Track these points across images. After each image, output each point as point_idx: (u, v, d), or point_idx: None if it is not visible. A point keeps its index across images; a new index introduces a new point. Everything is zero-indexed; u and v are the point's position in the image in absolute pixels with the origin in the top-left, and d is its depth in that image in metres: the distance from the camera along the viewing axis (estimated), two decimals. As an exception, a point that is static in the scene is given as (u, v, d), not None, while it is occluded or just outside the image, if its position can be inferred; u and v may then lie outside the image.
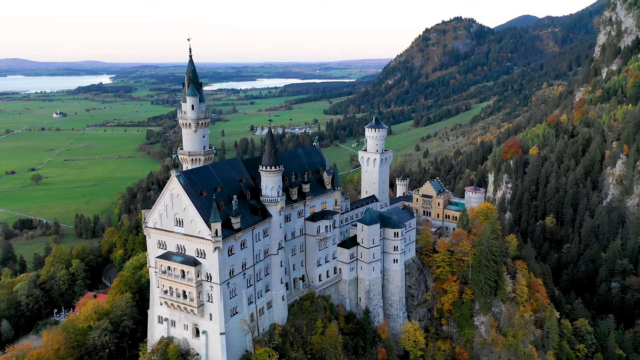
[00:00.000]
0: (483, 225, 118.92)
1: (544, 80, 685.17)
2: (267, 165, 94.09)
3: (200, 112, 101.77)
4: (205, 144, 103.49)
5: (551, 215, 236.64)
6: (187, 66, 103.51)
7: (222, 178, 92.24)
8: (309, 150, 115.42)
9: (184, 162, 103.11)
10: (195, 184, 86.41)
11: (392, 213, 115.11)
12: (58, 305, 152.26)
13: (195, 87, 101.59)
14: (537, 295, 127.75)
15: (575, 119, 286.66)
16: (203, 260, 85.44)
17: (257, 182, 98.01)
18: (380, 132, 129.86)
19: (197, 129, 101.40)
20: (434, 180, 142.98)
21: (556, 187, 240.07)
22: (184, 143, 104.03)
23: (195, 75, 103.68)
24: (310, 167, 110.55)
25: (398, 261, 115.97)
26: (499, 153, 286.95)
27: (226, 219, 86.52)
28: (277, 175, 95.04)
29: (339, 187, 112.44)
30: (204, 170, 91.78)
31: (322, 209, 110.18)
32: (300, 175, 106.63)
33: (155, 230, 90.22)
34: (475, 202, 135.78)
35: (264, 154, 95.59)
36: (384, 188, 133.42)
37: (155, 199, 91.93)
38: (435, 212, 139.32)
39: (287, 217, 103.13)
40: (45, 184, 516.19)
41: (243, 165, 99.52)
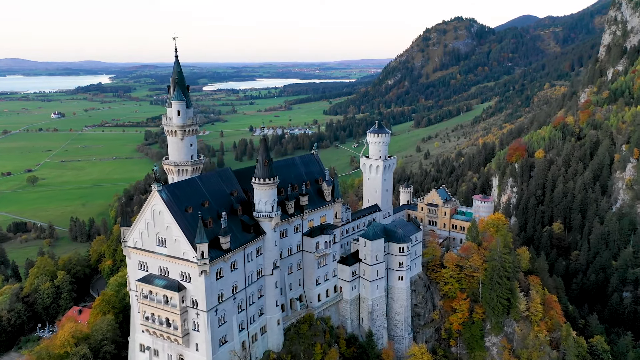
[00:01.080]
0: (494, 239, 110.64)
1: (546, 80, 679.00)
2: (261, 178, 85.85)
3: (187, 118, 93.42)
4: (193, 153, 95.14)
5: (558, 221, 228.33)
6: (173, 67, 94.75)
7: (210, 192, 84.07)
8: (307, 159, 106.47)
9: (169, 173, 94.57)
10: (179, 200, 78.15)
11: (396, 226, 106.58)
12: (42, 320, 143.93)
13: (181, 91, 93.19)
14: (551, 313, 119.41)
15: (581, 121, 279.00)
16: (188, 284, 76.92)
17: (249, 195, 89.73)
18: (384, 137, 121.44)
19: (184, 136, 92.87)
20: (439, 188, 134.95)
21: (563, 191, 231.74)
22: (170, 152, 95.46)
23: (182, 78, 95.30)
24: (308, 177, 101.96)
25: (403, 278, 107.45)
26: (504, 156, 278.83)
27: (214, 238, 78.18)
28: (272, 188, 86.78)
29: (339, 198, 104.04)
30: (190, 183, 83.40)
31: (321, 223, 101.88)
32: (297, 186, 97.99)
33: (136, 250, 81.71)
34: (484, 211, 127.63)
35: (257, 164, 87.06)
36: (387, 197, 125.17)
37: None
38: (442, 222, 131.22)
39: (283, 232, 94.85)
40: (41, 185, 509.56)
41: (234, 176, 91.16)
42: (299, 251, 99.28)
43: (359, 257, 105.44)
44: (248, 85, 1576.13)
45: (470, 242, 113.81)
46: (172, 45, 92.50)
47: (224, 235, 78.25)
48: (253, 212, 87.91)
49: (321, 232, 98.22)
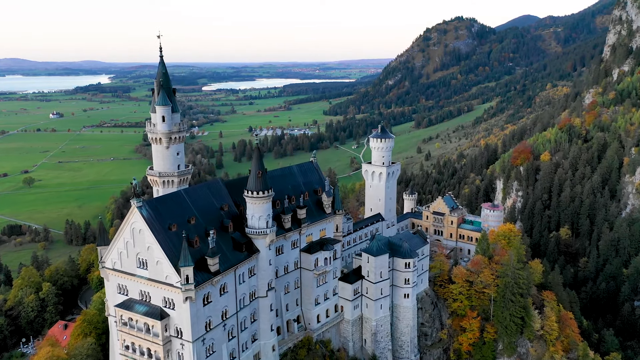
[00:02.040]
0: (506, 252, 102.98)
1: (548, 81, 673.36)
2: (254, 191, 78.07)
3: (173, 124, 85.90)
4: (179, 162, 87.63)
5: (566, 226, 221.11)
6: (157, 69, 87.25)
7: (198, 207, 76.43)
8: (306, 167, 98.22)
9: (154, 185, 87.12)
10: (162, 217, 70.46)
11: (402, 239, 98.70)
12: (26, 335, 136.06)
13: (166, 95, 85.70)
14: (567, 331, 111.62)
15: (587, 123, 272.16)
16: (172, 311, 68.98)
17: (242, 209, 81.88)
18: (387, 143, 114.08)
19: (170, 144, 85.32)
20: (446, 196, 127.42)
21: (571, 196, 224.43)
22: (154, 161, 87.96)
23: (167, 80, 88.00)
24: (307, 188, 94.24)
25: (410, 296, 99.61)
26: (508, 159, 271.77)
27: (201, 259, 70.39)
28: (266, 202, 79.09)
29: (340, 210, 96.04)
30: (175, 197, 75.50)
31: (320, 238, 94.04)
32: (295, 198, 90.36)
33: (114, 272, 73.86)
34: (493, 221, 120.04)
35: (250, 176, 79.13)
36: (391, 205, 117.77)
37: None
38: (448, 231, 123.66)
39: (279, 249, 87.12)
40: (37, 187, 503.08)
41: (225, 188, 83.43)
42: (297, 269, 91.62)
43: (362, 274, 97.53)
44: (248, 85, 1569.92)
45: (481, 256, 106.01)
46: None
47: (212, 257, 70.60)
48: (246, 228, 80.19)
49: (320, 247, 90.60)
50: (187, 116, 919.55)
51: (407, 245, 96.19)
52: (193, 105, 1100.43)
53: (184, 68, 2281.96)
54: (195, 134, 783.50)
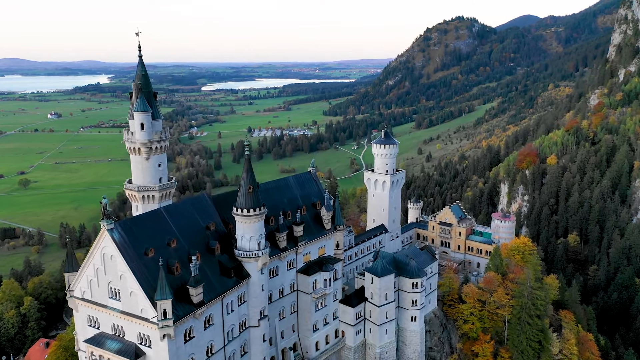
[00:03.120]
0: (522, 270, 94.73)
1: (550, 81, 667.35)
2: (244, 208, 69.16)
3: (154, 132, 77.61)
4: (161, 175, 79.44)
5: (574, 232, 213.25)
6: (136, 71, 78.15)
7: (180, 227, 67.43)
8: (303, 178, 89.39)
9: (133, 200, 78.89)
10: (137, 240, 61.52)
11: (408, 256, 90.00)
12: (6, 353, 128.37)
13: (146, 99, 77.02)
14: (587, 354, 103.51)
15: (594, 125, 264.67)
16: (148, 349, 60.02)
17: (231, 227, 73.18)
18: (391, 149, 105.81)
19: (150, 155, 77.01)
20: (453, 205, 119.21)
21: (579, 201, 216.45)
22: (133, 174, 79.66)
23: (147, 82, 78.99)
24: (304, 201, 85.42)
25: (417, 319, 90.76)
26: (513, 162, 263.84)
27: (183, 288, 61.77)
28: (258, 221, 70.12)
29: (341, 225, 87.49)
30: (154, 217, 66.49)
31: (319, 256, 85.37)
32: (291, 213, 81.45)
33: (84, 303, 65.04)
34: (505, 232, 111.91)
35: (239, 191, 69.95)
36: (395, 216, 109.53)
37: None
38: (456, 243, 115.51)
39: (273, 271, 78.48)
40: (33, 188, 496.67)
41: (212, 204, 74.40)
42: (293, 291, 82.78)
43: (365, 296, 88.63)
44: (247, 86, 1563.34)
45: (493, 273, 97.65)
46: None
47: (194, 286, 61.62)
48: (235, 250, 71.20)
49: (319, 268, 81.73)
50: (186, 116, 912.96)
51: (414, 263, 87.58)
52: (192, 105, 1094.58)
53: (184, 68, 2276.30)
54: (194, 134, 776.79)
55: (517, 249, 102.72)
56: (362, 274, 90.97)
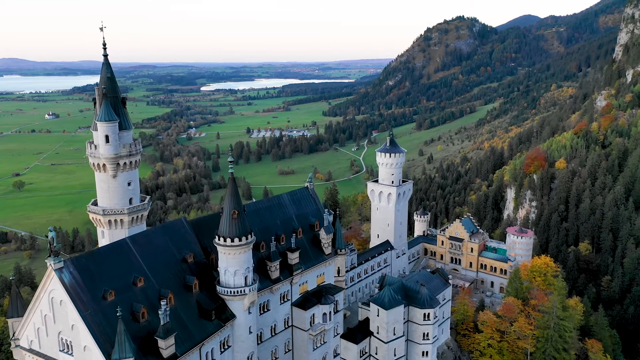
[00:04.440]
0: (546, 295, 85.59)
1: (552, 81, 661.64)
2: (227, 237, 58.80)
3: (122, 145, 66.82)
4: (132, 195, 68.52)
5: (586, 241, 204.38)
6: (100, 73, 67.25)
7: (150, 261, 56.67)
8: (300, 196, 78.46)
9: (98, 226, 68.87)
10: (94, 281, 51.14)
11: (418, 282, 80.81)
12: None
13: (111, 106, 66.31)
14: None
15: (603, 127, 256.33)
16: (107, 415, 50.07)
17: (214, 258, 62.88)
18: (397, 158, 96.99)
19: (117, 172, 66.66)
20: (464, 218, 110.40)
21: (591, 207, 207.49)
22: (98, 195, 69.22)
23: (114, 87, 67.92)
24: (300, 222, 75.23)
25: (429, 354, 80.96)
26: (520, 166, 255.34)
27: (151, 336, 51.66)
28: (245, 252, 59.62)
29: (343, 249, 77.92)
30: (117, 250, 55.36)
31: (318, 285, 75.22)
32: (285, 236, 71.27)
33: (32, 355, 55.12)
34: (521, 249, 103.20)
35: (222, 216, 59.21)
36: (402, 231, 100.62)
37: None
38: (467, 260, 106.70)
39: (264, 306, 68.23)
40: (28, 190, 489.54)
41: (191, 230, 63.40)
42: (287, 327, 72.42)
43: (370, 330, 78.91)
44: (246, 86, 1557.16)
45: (513, 298, 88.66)
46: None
47: (164, 338, 50.58)
48: (217, 286, 60.69)
49: (318, 300, 71.81)
50: (184, 117, 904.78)
51: (426, 291, 78.20)
52: (191, 105, 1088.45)
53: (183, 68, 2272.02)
54: (192, 135, 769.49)
55: (538, 270, 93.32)
56: (367, 303, 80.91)
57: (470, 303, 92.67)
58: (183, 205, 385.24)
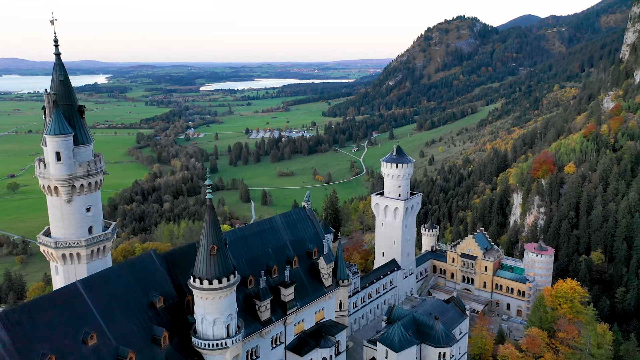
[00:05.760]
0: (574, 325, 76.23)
1: (554, 82, 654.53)
2: (205, 279, 48.68)
3: (77, 164, 56.62)
4: (92, 223, 57.91)
5: (598, 249, 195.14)
6: (52, 76, 57.03)
7: (106, 310, 46.03)
8: (296, 217, 68.11)
9: (50, 260, 58.19)
10: (29, 341, 40.34)
11: (432, 314, 71.35)
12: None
13: (64, 117, 55.70)
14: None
15: (613, 130, 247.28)
16: None
17: (190, 300, 52.70)
18: (404, 169, 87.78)
19: (72, 196, 56.28)
20: (477, 233, 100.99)
21: (603, 214, 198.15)
22: (51, 222, 58.94)
23: (69, 93, 57.67)
24: (296, 250, 65.01)
25: (444, 399, 70.80)
26: (527, 170, 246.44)
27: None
28: (227, 295, 49.41)
29: (346, 280, 67.75)
30: (62, 299, 44.61)
31: (316, 322, 65.50)
32: (277, 268, 60.95)
33: None
34: (541, 268, 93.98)
35: (198, 252, 49.13)
36: (409, 248, 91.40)
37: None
38: (481, 279, 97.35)
39: (252, 353, 58.40)
40: (22, 192, 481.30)
41: (162, 266, 52.81)
42: (280, 375, 62.44)
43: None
44: (246, 86, 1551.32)
45: (537, 330, 79.34)
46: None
47: None
48: (192, 337, 50.60)
49: (316, 342, 62.37)
50: (183, 117, 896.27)
51: (440, 326, 68.54)
52: (190, 106, 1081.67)
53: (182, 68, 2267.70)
54: (191, 136, 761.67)
55: (563, 295, 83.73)
56: (374, 342, 70.82)
57: (488, 335, 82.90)
58: (179, 208, 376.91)
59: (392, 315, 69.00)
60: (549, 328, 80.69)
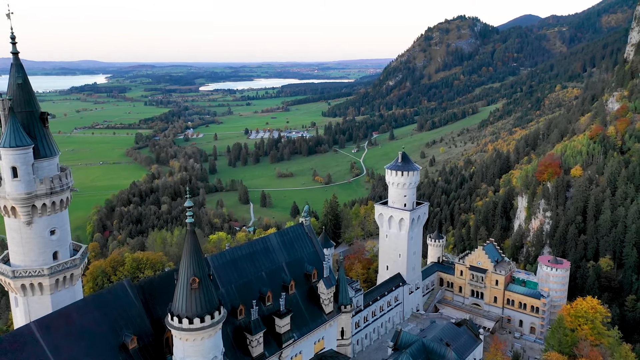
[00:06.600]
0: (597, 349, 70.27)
1: (555, 81, 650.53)
2: (184, 317, 41.63)
3: (38, 180, 48.55)
4: (57, 247, 50.66)
5: (607, 256, 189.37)
6: (9, 79, 49.69)
7: (63, 356, 38.61)
8: (293, 236, 60.99)
9: (9, 291, 50.77)
10: None
11: (443, 340, 65.43)
12: None
13: (22, 126, 48.05)
14: None
15: (620, 132, 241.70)
16: None
17: (170, 337, 45.26)
18: (410, 177, 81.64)
19: (33, 217, 48.63)
20: (487, 244, 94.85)
21: (612, 219, 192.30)
22: (9, 248, 50.98)
23: (29, 98, 49.98)
24: (293, 272, 57.99)
25: None
26: (532, 172, 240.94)
27: None
28: (210, 335, 42.28)
29: (349, 304, 61.11)
30: (15, 341, 37.81)
31: (316, 354, 58.83)
32: (272, 294, 54.15)
33: None
34: (556, 282, 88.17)
35: (177, 285, 42.05)
36: (415, 262, 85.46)
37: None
38: (491, 294, 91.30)
39: None
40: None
41: (136, 298, 45.74)
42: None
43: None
44: (245, 86, 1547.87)
45: (557, 354, 73.40)
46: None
47: None
48: None
49: None
50: (182, 117, 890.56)
51: (452, 355, 62.74)
52: (189, 106, 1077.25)
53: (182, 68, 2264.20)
54: (190, 136, 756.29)
55: (584, 315, 77.59)
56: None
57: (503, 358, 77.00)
58: (177, 210, 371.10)
59: (399, 341, 62.98)
60: (569, 352, 74.60)
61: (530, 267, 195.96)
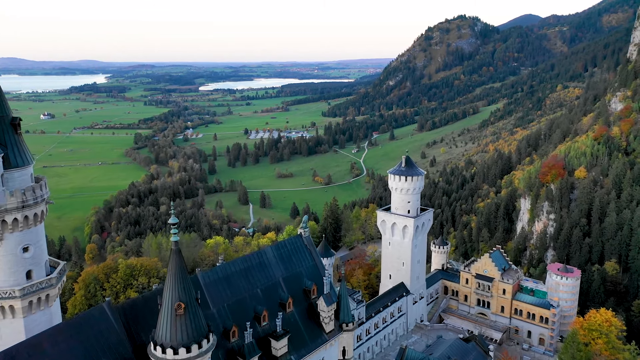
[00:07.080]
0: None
1: (557, 82, 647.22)
2: (168, 347, 37.47)
3: (9, 193, 44.37)
4: (31, 266, 46.07)
5: (612, 259, 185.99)
6: None
7: None
8: (290, 248, 55.89)
9: None
10: None
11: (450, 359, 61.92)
12: None
13: None
14: None
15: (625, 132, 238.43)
16: None
17: None
18: (414, 182, 78.07)
19: (4, 233, 44.15)
20: (494, 251, 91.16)
21: (617, 222, 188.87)
22: None
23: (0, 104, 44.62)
24: (291, 289, 53.55)
25: None
26: (536, 174, 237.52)
27: None
28: None
29: (351, 323, 55.62)
30: None
31: None
32: (268, 313, 49.84)
33: None
34: (566, 292, 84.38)
35: (160, 310, 37.97)
36: (420, 270, 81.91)
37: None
38: (498, 303, 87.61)
39: None
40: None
41: (117, 323, 41.12)
42: None
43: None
44: (245, 85, 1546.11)
45: (569, 369, 70.32)
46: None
47: None
48: None
49: None
50: (181, 117, 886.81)
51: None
52: (189, 106, 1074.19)
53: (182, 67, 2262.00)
54: (189, 136, 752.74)
55: (598, 329, 74.12)
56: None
57: (514, 375, 73.56)
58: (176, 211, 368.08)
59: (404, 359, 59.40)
60: (585, 369, 71.26)
61: (533, 271, 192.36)
